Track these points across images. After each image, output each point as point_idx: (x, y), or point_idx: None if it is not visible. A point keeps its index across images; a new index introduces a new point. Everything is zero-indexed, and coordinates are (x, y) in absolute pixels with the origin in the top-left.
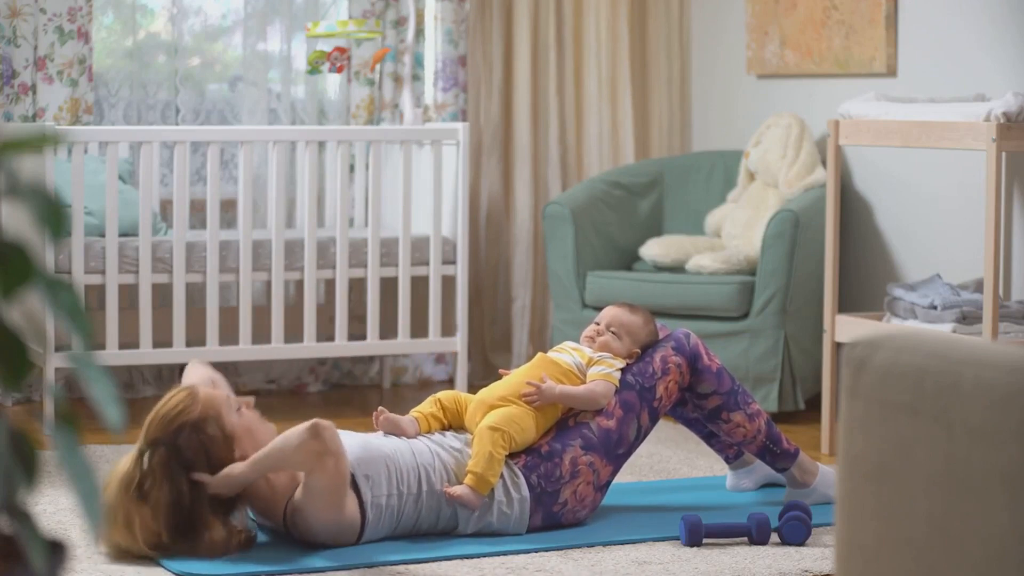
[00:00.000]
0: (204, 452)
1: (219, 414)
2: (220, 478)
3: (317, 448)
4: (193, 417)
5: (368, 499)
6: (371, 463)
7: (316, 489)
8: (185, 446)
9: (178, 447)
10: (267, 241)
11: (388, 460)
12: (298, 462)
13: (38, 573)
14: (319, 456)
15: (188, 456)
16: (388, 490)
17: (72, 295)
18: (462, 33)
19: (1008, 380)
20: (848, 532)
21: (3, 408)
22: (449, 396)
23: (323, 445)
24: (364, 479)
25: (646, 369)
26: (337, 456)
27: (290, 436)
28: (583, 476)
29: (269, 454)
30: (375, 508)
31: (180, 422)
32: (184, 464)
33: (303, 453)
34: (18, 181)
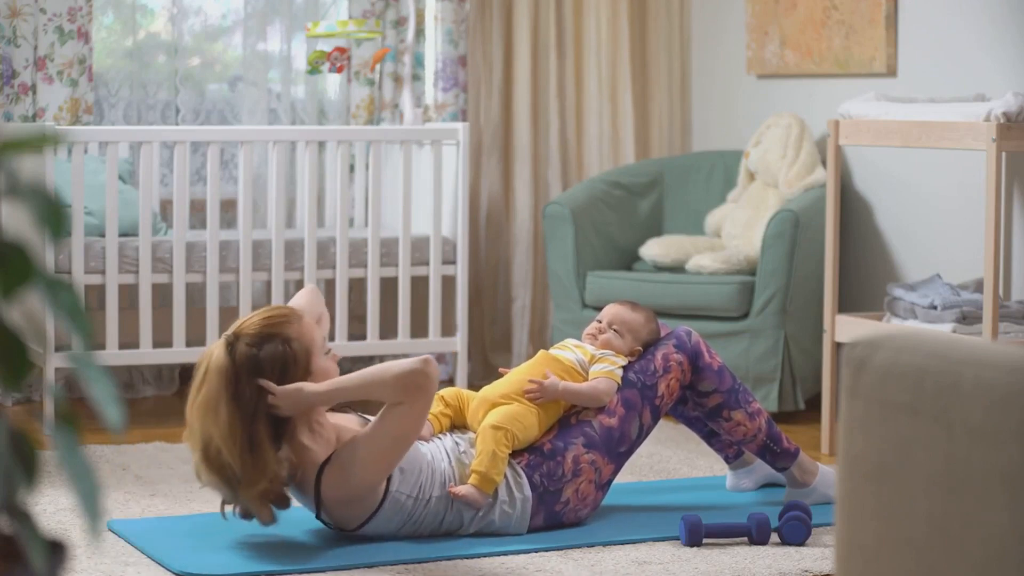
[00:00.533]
0: (280, 367)
1: (310, 347)
2: (289, 390)
3: (421, 382)
4: (287, 334)
5: (393, 490)
6: (412, 459)
7: (392, 425)
8: (266, 353)
9: (260, 349)
10: (267, 241)
11: (424, 462)
12: (394, 390)
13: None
14: (417, 391)
15: (264, 363)
16: (411, 490)
17: (72, 295)
18: (462, 33)
19: (1008, 380)
20: (848, 532)
21: (3, 408)
22: (452, 393)
23: (428, 381)
24: (399, 471)
25: (648, 367)
26: (430, 400)
27: (396, 363)
28: (585, 474)
29: (363, 374)
30: (393, 502)
31: (274, 331)
32: (257, 368)
33: (405, 380)
34: (18, 181)
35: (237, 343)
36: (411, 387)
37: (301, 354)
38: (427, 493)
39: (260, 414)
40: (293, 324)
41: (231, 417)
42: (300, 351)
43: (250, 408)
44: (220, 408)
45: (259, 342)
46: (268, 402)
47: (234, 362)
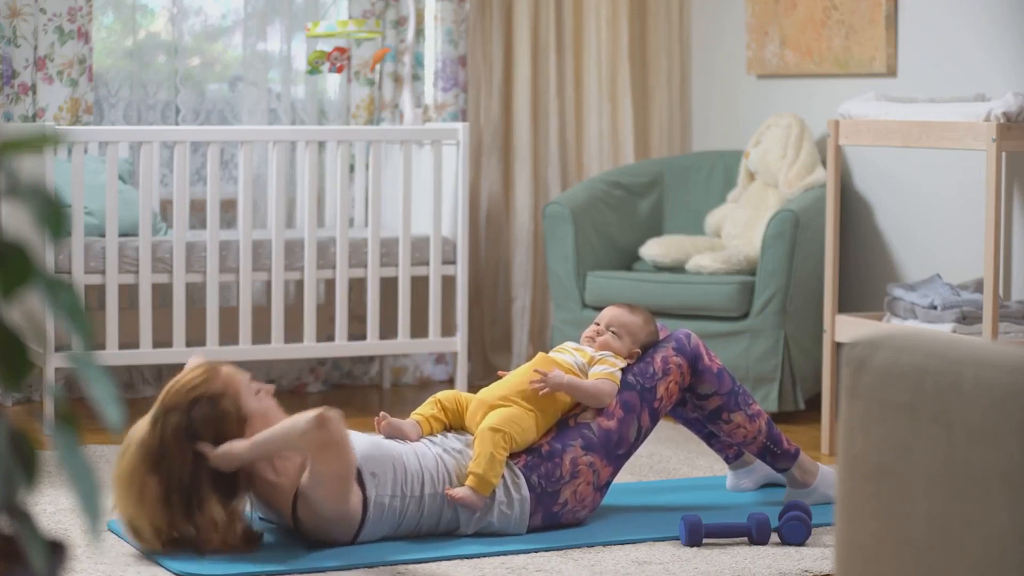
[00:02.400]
0: (216, 426)
1: (237, 393)
2: (221, 452)
3: (323, 438)
4: (212, 390)
5: (372, 496)
6: (380, 461)
7: (322, 476)
8: (198, 417)
9: (191, 417)
10: (267, 241)
11: (396, 461)
12: (302, 449)
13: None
14: (324, 446)
15: (198, 428)
16: (392, 491)
17: (72, 295)
18: (462, 33)
19: (1008, 380)
20: (848, 532)
21: (3, 408)
22: (449, 396)
23: (328, 435)
24: (371, 476)
25: (647, 369)
26: (342, 447)
27: (296, 421)
28: (583, 476)
29: (273, 436)
30: (377, 507)
31: (198, 393)
32: (193, 435)
33: (307, 441)
34: (18, 181)
35: (166, 418)
36: (316, 445)
37: (231, 406)
38: (412, 490)
39: (203, 476)
40: (215, 379)
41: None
42: (230, 404)
43: (187, 475)
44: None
45: (188, 408)
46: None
47: (163, 439)
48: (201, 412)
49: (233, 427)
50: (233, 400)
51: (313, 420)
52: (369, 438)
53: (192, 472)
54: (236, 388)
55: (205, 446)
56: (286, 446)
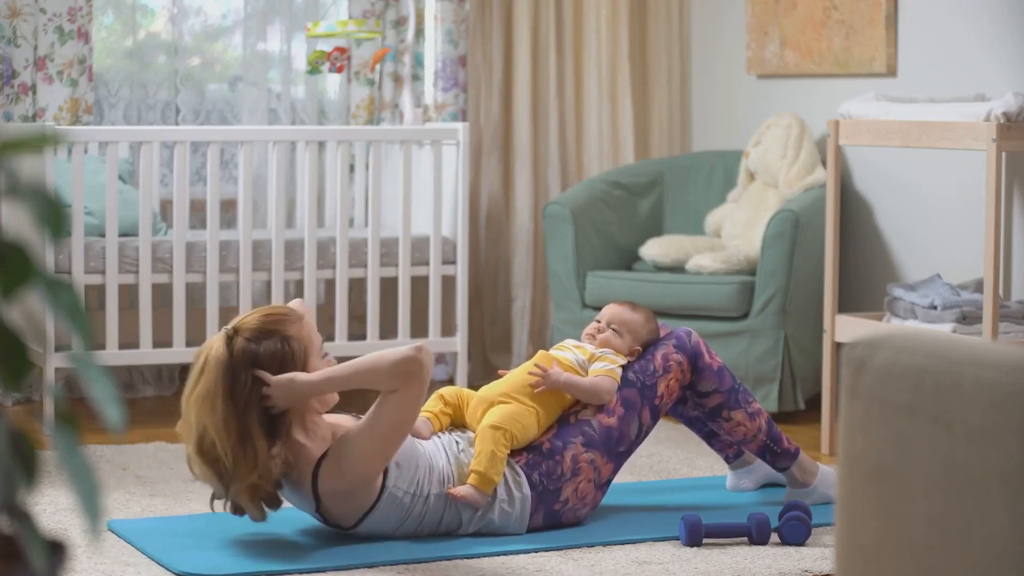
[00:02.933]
0: (278, 363)
1: (308, 347)
2: (282, 380)
3: (415, 369)
4: (286, 331)
5: (389, 485)
6: (409, 454)
7: (387, 413)
8: (264, 349)
9: (259, 344)
10: (267, 241)
11: (421, 458)
12: (388, 378)
13: (38, 573)
14: (411, 378)
15: (262, 357)
16: (408, 486)
17: (72, 295)
18: (462, 33)
19: (1008, 380)
20: (848, 532)
21: (3, 408)
22: (451, 392)
23: (421, 368)
24: (395, 465)
25: (647, 367)
26: (424, 387)
27: (391, 351)
28: (584, 474)
29: (358, 363)
30: (390, 497)
31: (273, 328)
32: (254, 362)
33: (400, 368)
34: (18, 181)
35: (236, 337)
36: (405, 374)
37: (299, 353)
38: (424, 490)
39: (254, 407)
40: (293, 323)
41: (226, 410)
42: (298, 350)
43: (244, 401)
44: (216, 401)
45: (258, 337)
46: (263, 394)
47: (232, 356)
48: (269, 346)
49: (293, 371)
50: (302, 348)
51: (413, 348)
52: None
53: (248, 397)
54: (309, 339)
55: (263, 374)
56: (374, 372)
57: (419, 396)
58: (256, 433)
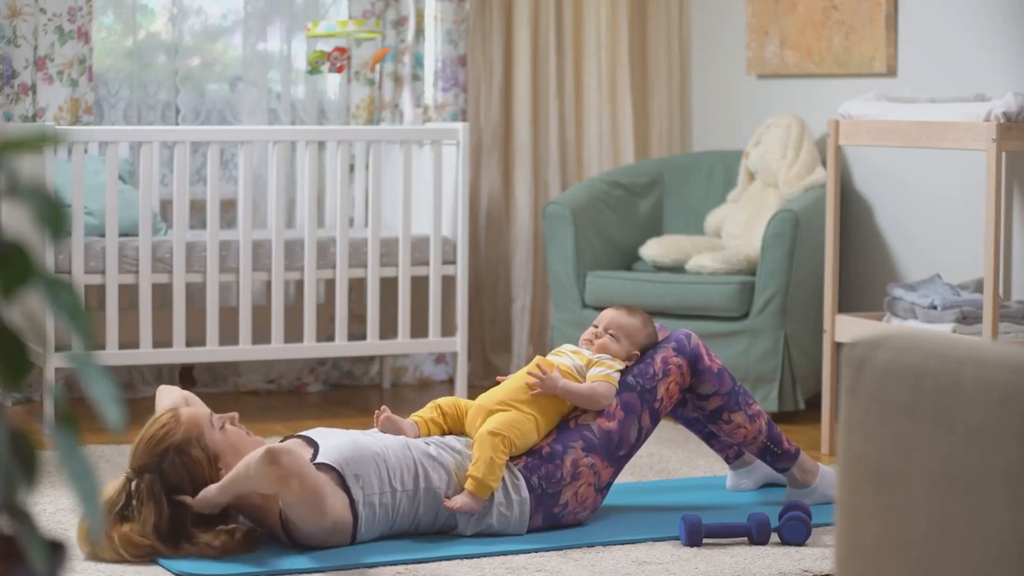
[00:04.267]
0: (188, 475)
1: (201, 433)
2: (199, 499)
3: (277, 473)
4: (176, 440)
5: (360, 498)
6: (360, 462)
7: (291, 504)
8: (170, 470)
9: (163, 472)
10: (267, 241)
11: (377, 458)
12: (262, 486)
13: (38, 573)
14: (280, 479)
15: (173, 480)
16: (380, 488)
17: (72, 295)
18: (462, 33)
19: (1008, 380)
20: (848, 532)
21: (3, 408)
22: (449, 402)
23: (281, 470)
24: (354, 479)
25: (647, 370)
26: (300, 475)
27: (249, 463)
28: (584, 478)
29: (235, 479)
30: (368, 507)
31: (164, 446)
32: (169, 488)
33: (264, 479)
34: (18, 181)
35: (140, 478)
36: (273, 481)
37: (199, 451)
38: (398, 485)
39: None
40: (175, 428)
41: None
42: (197, 450)
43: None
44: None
45: (159, 464)
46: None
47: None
48: (171, 465)
49: (206, 470)
50: (199, 443)
51: (261, 459)
52: (348, 438)
53: (174, 518)
54: (199, 429)
55: (184, 498)
56: (249, 487)
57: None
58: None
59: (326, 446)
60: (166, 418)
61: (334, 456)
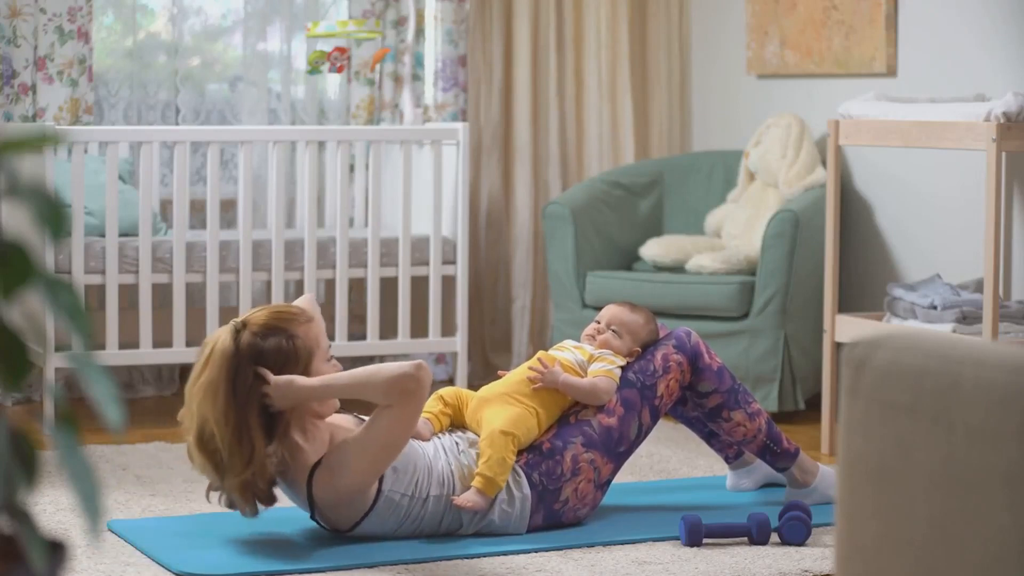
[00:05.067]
0: (282, 361)
1: (313, 348)
2: (283, 380)
3: (411, 387)
4: (293, 330)
5: (386, 490)
6: (406, 457)
7: (381, 429)
8: (270, 345)
9: (265, 340)
10: (267, 241)
11: (420, 461)
12: (385, 392)
13: (38, 573)
14: (408, 395)
15: (266, 354)
16: (406, 489)
17: (72, 295)
18: (462, 33)
19: (1008, 380)
20: (848, 532)
21: (3, 408)
22: (451, 392)
23: (419, 387)
24: (391, 470)
25: (647, 367)
26: (420, 405)
27: (389, 365)
28: (584, 474)
29: (355, 374)
30: (387, 501)
31: (281, 326)
32: (258, 357)
33: (397, 384)
34: (18, 181)
35: (243, 331)
36: (401, 391)
37: (303, 353)
38: (423, 492)
39: (254, 403)
40: (300, 323)
41: (226, 403)
42: (303, 349)
43: (245, 396)
44: (218, 392)
45: (264, 333)
46: (262, 391)
47: (237, 349)
48: (275, 342)
49: (297, 371)
50: (307, 348)
51: (412, 365)
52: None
53: (248, 392)
54: (315, 340)
55: (265, 371)
56: (369, 383)
57: (414, 414)
58: (254, 429)
59: None
60: (300, 311)
61: None
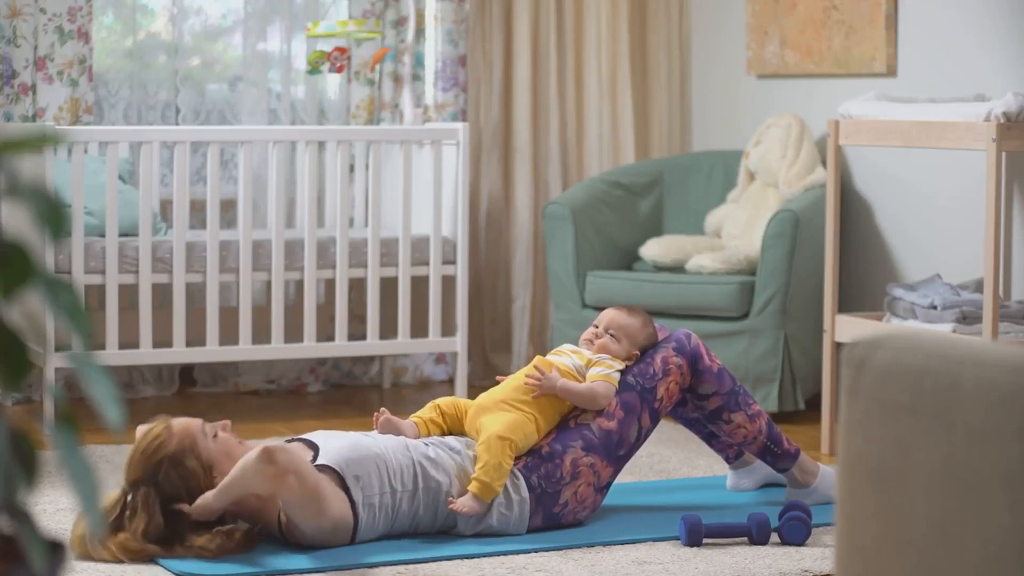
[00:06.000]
0: (184, 485)
1: (194, 442)
2: (197, 507)
3: (273, 472)
4: (171, 451)
5: (359, 499)
6: (360, 463)
7: (290, 504)
8: (165, 481)
9: (159, 483)
10: (267, 241)
11: (378, 459)
12: (260, 487)
13: (38, 573)
14: (278, 478)
15: (169, 491)
16: (380, 489)
17: (72, 295)
18: (462, 33)
19: (1008, 380)
20: (848, 532)
21: (3, 408)
22: (449, 402)
23: (277, 468)
24: (354, 480)
25: (647, 370)
26: (298, 473)
27: (246, 464)
28: (584, 477)
29: (232, 482)
30: (367, 508)
31: (159, 457)
32: (165, 498)
33: (261, 478)
34: (18, 181)
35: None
36: (270, 480)
37: (194, 461)
38: (399, 485)
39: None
40: (168, 439)
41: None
42: (190, 459)
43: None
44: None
45: (153, 476)
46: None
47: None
48: (166, 476)
49: (200, 479)
50: (193, 452)
51: (257, 458)
52: (348, 440)
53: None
54: (192, 439)
55: (182, 506)
56: (246, 488)
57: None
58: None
59: (326, 448)
60: (158, 429)
61: (334, 457)
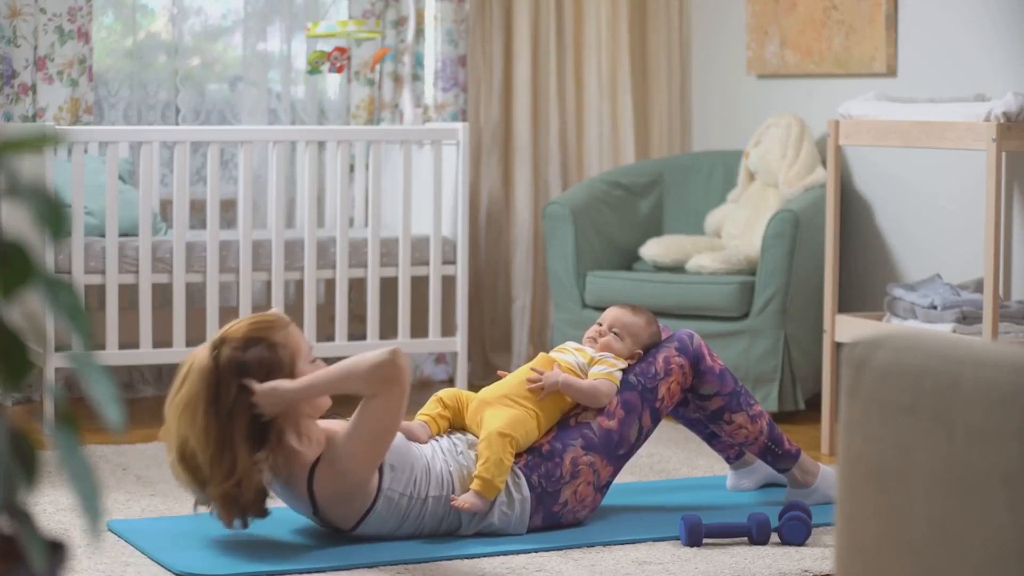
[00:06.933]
0: (266, 371)
1: (296, 353)
2: (267, 387)
3: (392, 373)
4: (273, 339)
5: (385, 487)
6: (404, 456)
7: (370, 418)
8: (251, 356)
9: (245, 352)
10: (267, 241)
11: (418, 461)
12: (366, 383)
13: (38, 573)
14: (390, 382)
15: (249, 365)
16: (405, 488)
17: (72, 295)
18: (462, 33)
19: (1008, 380)
20: (848, 532)
21: (3, 408)
22: (450, 394)
23: (398, 371)
24: (389, 468)
25: (648, 370)
26: (404, 390)
27: (365, 355)
28: (583, 476)
29: (336, 370)
30: (386, 500)
31: (260, 336)
32: (242, 371)
33: (377, 373)
34: (18, 181)
35: (223, 347)
36: (383, 379)
37: (286, 359)
38: (422, 492)
39: (241, 415)
40: (280, 330)
41: (207, 420)
42: (285, 356)
43: (228, 410)
44: (197, 410)
45: (245, 345)
46: (250, 402)
47: (217, 366)
48: (256, 353)
49: (282, 377)
50: (290, 354)
51: (387, 352)
52: (401, 437)
53: (232, 407)
54: (297, 344)
55: (251, 381)
56: (350, 378)
57: (399, 399)
58: (239, 441)
59: None
60: (277, 317)
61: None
